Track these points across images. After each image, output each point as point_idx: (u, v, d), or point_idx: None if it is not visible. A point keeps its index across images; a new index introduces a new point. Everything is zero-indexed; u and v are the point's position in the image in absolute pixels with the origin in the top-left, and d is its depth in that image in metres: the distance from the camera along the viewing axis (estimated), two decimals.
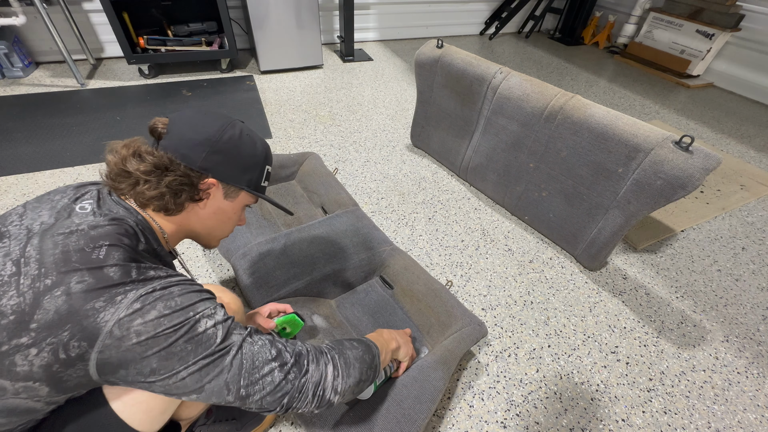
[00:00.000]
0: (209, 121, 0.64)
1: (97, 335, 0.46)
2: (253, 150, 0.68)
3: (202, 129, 0.62)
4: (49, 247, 0.48)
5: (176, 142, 0.61)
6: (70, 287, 0.46)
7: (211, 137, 0.62)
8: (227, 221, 0.71)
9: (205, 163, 0.62)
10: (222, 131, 0.63)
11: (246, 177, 0.68)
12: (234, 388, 0.52)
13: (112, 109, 2.22)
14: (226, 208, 0.68)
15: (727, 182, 2.02)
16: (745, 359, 1.19)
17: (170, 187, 0.59)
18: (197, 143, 0.61)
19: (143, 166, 0.57)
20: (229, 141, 0.64)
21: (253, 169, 0.69)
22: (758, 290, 1.43)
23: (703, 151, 1.09)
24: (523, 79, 1.46)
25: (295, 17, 2.64)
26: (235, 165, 0.65)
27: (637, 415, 1.04)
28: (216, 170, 0.63)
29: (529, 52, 3.71)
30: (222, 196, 0.66)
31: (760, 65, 2.99)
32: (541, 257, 1.50)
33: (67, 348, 0.45)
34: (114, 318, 0.46)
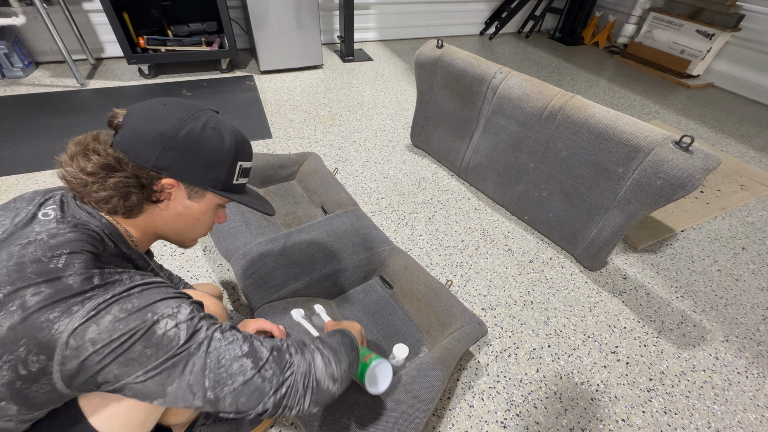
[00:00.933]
0: (167, 113, 0.57)
1: (54, 347, 0.44)
2: (218, 145, 0.60)
3: (158, 122, 0.56)
4: (3, 259, 0.46)
5: (129, 137, 0.55)
6: (25, 300, 0.44)
7: (166, 132, 0.55)
8: (196, 222, 0.65)
9: (160, 162, 0.56)
10: (180, 125, 0.56)
11: (210, 176, 0.60)
12: (199, 391, 0.48)
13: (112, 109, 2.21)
14: (193, 209, 0.62)
15: (727, 182, 2.02)
16: (745, 359, 1.19)
17: (116, 188, 0.54)
18: (151, 139, 0.55)
19: (89, 166, 0.53)
20: (187, 136, 0.56)
21: (219, 167, 0.61)
22: (758, 290, 1.43)
23: (703, 151, 1.09)
24: (523, 79, 1.46)
25: (295, 17, 2.64)
26: (194, 163, 0.58)
27: (637, 415, 1.04)
28: (173, 169, 0.57)
29: (529, 52, 3.71)
30: (185, 196, 0.60)
31: (760, 65, 2.99)
32: (541, 257, 1.50)
33: (26, 363, 0.44)
34: (68, 328, 0.44)
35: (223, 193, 0.63)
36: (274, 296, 1.08)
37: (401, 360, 0.97)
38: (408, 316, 1.14)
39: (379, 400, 0.85)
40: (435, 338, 1.07)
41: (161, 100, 0.59)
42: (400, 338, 1.07)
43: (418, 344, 1.06)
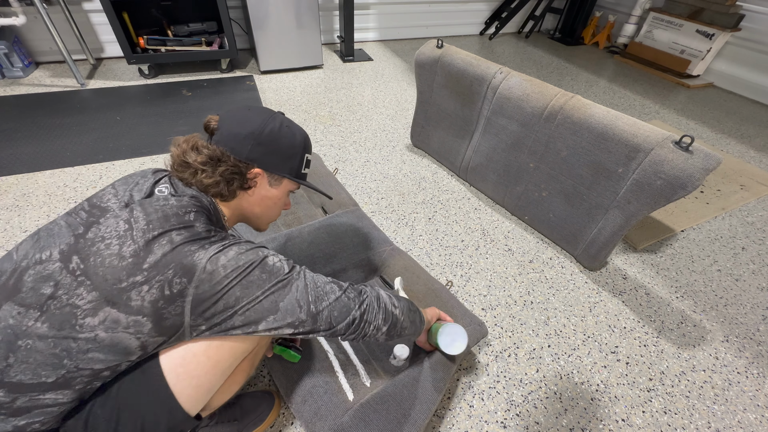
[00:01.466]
0: (252, 116, 0.72)
1: (194, 271, 0.56)
2: (292, 140, 0.75)
3: (247, 124, 0.71)
4: (151, 211, 0.59)
5: (226, 136, 0.70)
6: (172, 237, 0.57)
7: (255, 131, 0.70)
8: (273, 206, 0.79)
9: (251, 155, 0.70)
10: (264, 125, 0.71)
11: (287, 165, 0.75)
12: (305, 305, 0.63)
13: (112, 109, 2.22)
14: (272, 194, 0.77)
15: (727, 182, 2.02)
16: (745, 359, 1.19)
17: (223, 176, 0.68)
18: (243, 137, 0.70)
19: (200, 158, 0.67)
20: (270, 134, 0.71)
21: (293, 157, 0.76)
22: (758, 290, 1.43)
23: (703, 151, 1.09)
24: (523, 79, 1.46)
25: (295, 17, 2.64)
26: (276, 155, 0.73)
27: (637, 415, 1.04)
28: (261, 160, 0.71)
29: (529, 52, 3.71)
30: (267, 184, 0.75)
31: (760, 65, 2.99)
32: (541, 257, 1.50)
33: (171, 285, 0.55)
34: (206, 256, 0.57)
35: (296, 179, 0.78)
36: None
37: (402, 360, 0.97)
38: None
39: (381, 402, 0.85)
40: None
41: (246, 107, 0.74)
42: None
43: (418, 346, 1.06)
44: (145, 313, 0.54)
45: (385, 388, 0.89)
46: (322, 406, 0.85)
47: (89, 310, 0.53)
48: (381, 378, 0.95)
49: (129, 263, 0.55)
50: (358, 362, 0.97)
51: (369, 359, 1.00)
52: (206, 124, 0.73)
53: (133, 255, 0.55)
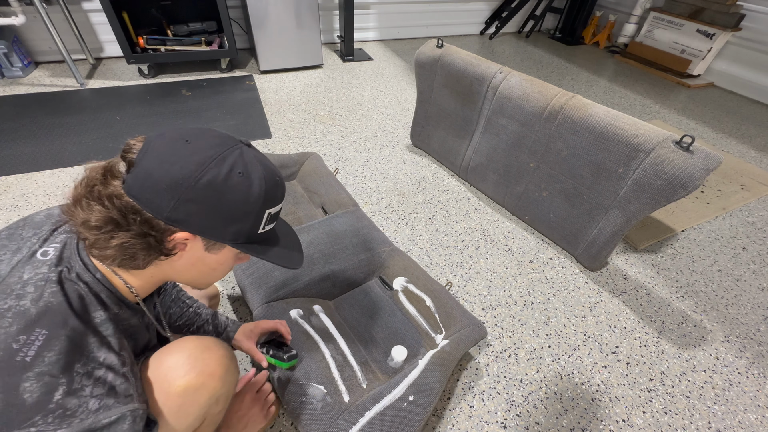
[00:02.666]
0: (187, 155, 0.47)
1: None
2: (244, 195, 0.50)
3: (175, 167, 0.47)
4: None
5: (141, 182, 0.47)
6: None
7: (183, 181, 0.46)
8: (212, 272, 0.58)
9: (174, 214, 0.47)
10: (201, 172, 0.47)
11: (231, 230, 0.52)
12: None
13: (112, 109, 2.22)
14: (209, 260, 0.55)
15: (727, 182, 2.02)
16: (745, 359, 1.19)
17: (120, 250, 0.47)
18: (165, 187, 0.46)
19: (92, 219, 0.46)
20: (207, 186, 0.47)
21: (243, 219, 0.52)
22: (759, 290, 1.43)
23: (703, 150, 1.09)
24: (524, 78, 1.46)
25: (295, 17, 2.63)
26: (215, 216, 0.50)
27: (638, 416, 1.03)
28: (189, 222, 0.49)
29: (529, 52, 3.70)
30: (202, 248, 0.53)
31: (760, 65, 2.99)
32: (542, 257, 1.50)
33: None
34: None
35: (244, 247, 0.54)
36: (272, 296, 1.08)
37: (399, 362, 0.97)
38: (407, 319, 1.14)
39: (376, 402, 0.85)
40: (434, 341, 1.07)
41: (185, 134, 0.50)
42: (399, 340, 1.06)
43: (416, 346, 1.06)
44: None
45: (381, 389, 0.88)
46: (318, 407, 0.84)
47: None
48: (378, 380, 0.95)
49: None
50: (355, 364, 0.97)
51: (366, 361, 1.00)
52: (123, 154, 0.49)
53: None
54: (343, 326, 1.08)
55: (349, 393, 0.89)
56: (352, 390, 0.90)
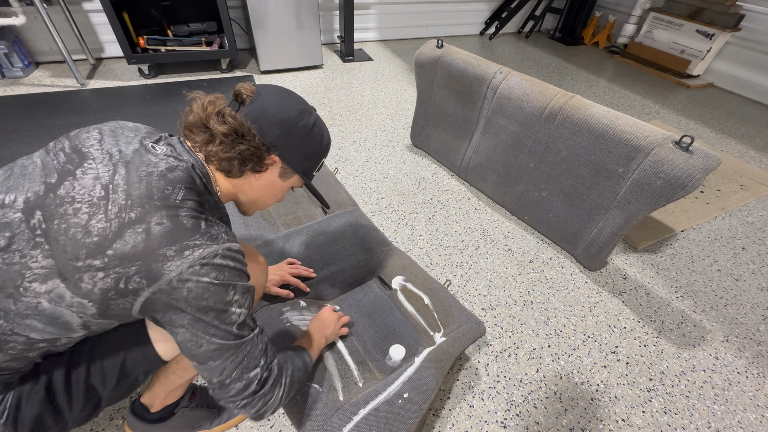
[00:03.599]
0: (291, 103, 0.67)
1: (158, 279, 0.51)
2: (319, 142, 0.72)
3: (283, 109, 0.66)
4: (134, 181, 0.53)
5: (257, 113, 0.64)
6: (150, 227, 0.51)
7: (289, 120, 0.66)
8: (272, 196, 0.75)
9: (276, 141, 0.65)
10: (299, 117, 0.67)
11: (305, 164, 0.72)
12: (226, 377, 0.57)
13: (112, 109, 2.22)
14: (277, 184, 0.72)
15: (727, 182, 2.02)
16: (745, 359, 1.19)
17: (241, 154, 0.62)
18: (276, 121, 0.65)
19: (223, 128, 0.60)
20: (302, 128, 0.67)
21: (314, 158, 0.73)
22: (758, 290, 1.43)
23: (703, 151, 1.09)
24: (523, 79, 1.46)
25: (295, 17, 2.64)
26: (300, 151, 0.69)
27: (637, 415, 1.04)
28: (283, 151, 0.67)
29: (529, 52, 3.71)
30: (278, 173, 0.70)
31: (760, 65, 2.99)
32: (541, 257, 1.50)
33: (128, 281, 0.50)
34: (177, 270, 0.51)
35: (306, 179, 0.74)
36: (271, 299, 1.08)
37: (398, 361, 0.97)
38: (406, 318, 1.14)
39: (371, 399, 0.85)
40: (432, 339, 1.07)
41: (286, 90, 0.69)
42: (398, 339, 1.06)
43: (415, 345, 1.06)
44: (92, 298, 0.51)
45: (376, 387, 0.88)
46: (312, 407, 0.85)
47: (39, 276, 0.49)
48: (375, 378, 0.95)
49: (93, 242, 0.49)
50: (352, 363, 0.97)
51: (365, 360, 1.00)
52: (237, 92, 0.66)
53: (100, 234, 0.50)
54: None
55: (344, 392, 0.89)
56: (348, 389, 0.90)
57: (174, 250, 0.51)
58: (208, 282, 0.53)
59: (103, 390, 0.63)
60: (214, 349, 0.55)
